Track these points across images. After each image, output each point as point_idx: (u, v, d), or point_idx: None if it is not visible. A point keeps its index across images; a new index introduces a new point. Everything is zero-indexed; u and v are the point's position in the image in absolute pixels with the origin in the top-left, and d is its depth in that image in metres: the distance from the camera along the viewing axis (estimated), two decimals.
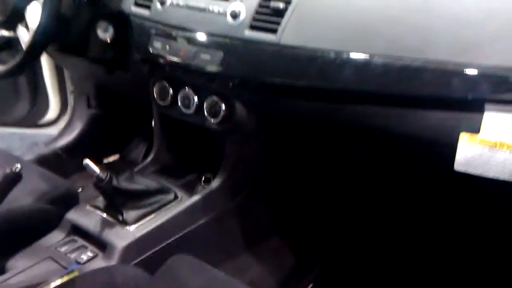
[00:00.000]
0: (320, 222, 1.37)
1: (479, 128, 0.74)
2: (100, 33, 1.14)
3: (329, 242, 1.36)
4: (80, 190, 1.27)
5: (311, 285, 1.28)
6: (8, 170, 0.98)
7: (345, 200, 1.37)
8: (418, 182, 1.19)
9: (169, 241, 1.03)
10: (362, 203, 1.35)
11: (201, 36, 1.01)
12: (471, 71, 0.74)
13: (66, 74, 1.71)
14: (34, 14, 1.04)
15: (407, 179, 1.21)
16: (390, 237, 1.34)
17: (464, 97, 0.76)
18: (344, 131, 0.97)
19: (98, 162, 1.03)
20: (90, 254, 0.97)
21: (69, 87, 1.72)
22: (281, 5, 0.92)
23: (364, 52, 0.83)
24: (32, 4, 1.05)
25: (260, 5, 0.95)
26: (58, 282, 0.88)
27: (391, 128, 0.86)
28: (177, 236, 1.04)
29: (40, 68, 1.67)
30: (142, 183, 1.09)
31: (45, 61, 1.67)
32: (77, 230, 1.02)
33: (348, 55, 0.84)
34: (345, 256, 1.35)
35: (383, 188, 1.30)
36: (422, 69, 0.78)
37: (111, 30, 1.15)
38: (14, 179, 0.99)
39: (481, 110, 0.74)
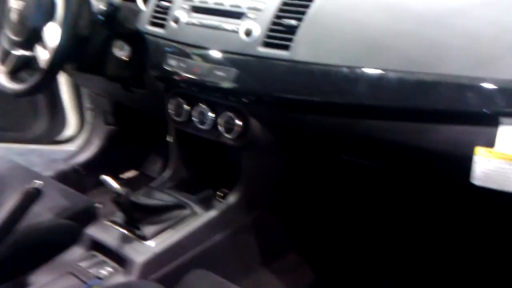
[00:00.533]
0: (338, 237, 1.36)
1: (495, 142, 0.75)
2: (117, 51, 1.16)
3: (347, 258, 1.35)
4: (98, 205, 1.28)
5: None
6: (28, 186, 1.00)
7: (361, 214, 1.36)
8: (435, 196, 1.18)
9: (187, 256, 1.04)
10: (379, 218, 1.35)
11: (215, 54, 1.03)
12: (486, 85, 0.74)
13: (84, 91, 1.74)
14: (51, 34, 1.06)
15: (424, 193, 1.21)
16: (409, 254, 1.33)
17: (479, 111, 0.76)
18: (359, 146, 0.97)
19: (116, 177, 1.04)
20: (109, 269, 0.98)
21: (87, 104, 1.75)
22: (293, 22, 0.93)
23: (377, 67, 0.83)
24: (49, 24, 1.07)
25: (273, 23, 0.96)
26: None
27: (406, 142, 0.86)
28: (194, 251, 1.05)
29: (58, 86, 1.70)
30: (160, 198, 1.10)
31: (62, 79, 1.70)
32: (96, 246, 1.04)
33: (362, 70, 0.85)
34: (363, 273, 1.34)
35: (401, 203, 1.29)
36: (437, 84, 0.78)
37: (127, 49, 1.17)
38: (35, 195, 1.00)
39: (496, 124, 0.75)
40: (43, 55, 1.09)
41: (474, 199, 1.00)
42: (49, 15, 1.07)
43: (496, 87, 0.74)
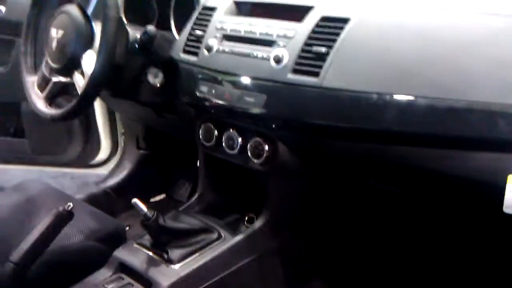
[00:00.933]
0: (364, 264, 1.34)
1: None
2: (151, 78, 1.19)
3: (373, 285, 1.32)
4: (127, 228, 1.30)
5: None
6: (61, 209, 1.02)
7: (389, 243, 1.33)
8: (465, 224, 1.15)
9: (213, 280, 1.03)
10: (406, 247, 1.32)
11: (245, 80, 1.04)
12: None
13: (117, 116, 1.79)
14: (89, 61, 1.10)
15: (454, 221, 1.18)
16: (438, 279, 1.29)
17: (510, 138, 0.75)
18: (389, 172, 0.96)
19: (145, 201, 1.06)
20: None
21: (120, 129, 1.79)
22: (323, 50, 0.94)
23: (407, 94, 0.83)
24: (88, 52, 1.11)
25: (303, 50, 0.97)
26: None
27: (436, 169, 0.85)
28: (220, 276, 1.04)
29: (93, 111, 1.76)
30: (187, 222, 1.11)
31: (97, 105, 1.75)
32: (124, 268, 1.05)
33: (391, 96, 0.85)
34: None
35: (430, 231, 1.27)
36: (467, 110, 0.78)
37: (160, 76, 1.20)
38: (66, 217, 1.03)
39: None
40: (80, 81, 1.12)
41: (506, 228, 0.97)
42: (88, 44, 1.12)
43: None
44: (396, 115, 0.84)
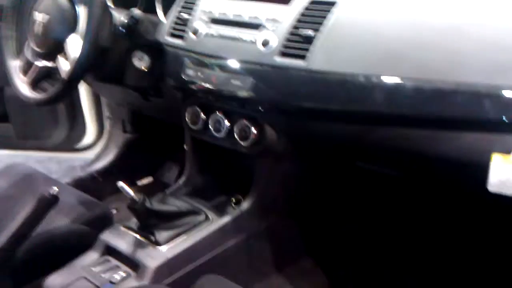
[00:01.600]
0: (352, 244, 1.35)
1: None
2: (136, 62, 1.18)
3: (362, 264, 1.34)
4: (115, 212, 1.30)
5: None
6: (45, 193, 1.01)
7: (377, 221, 1.35)
8: (451, 203, 1.17)
9: (200, 261, 1.04)
10: (394, 225, 1.33)
11: (232, 63, 1.04)
12: (503, 93, 0.74)
13: (103, 100, 1.77)
14: (73, 45, 1.08)
15: (441, 200, 1.20)
16: (424, 259, 1.31)
17: (496, 119, 0.76)
18: (375, 153, 0.97)
19: (132, 184, 1.06)
20: (123, 274, 0.99)
21: (106, 113, 1.78)
22: (311, 33, 0.94)
23: (394, 76, 0.84)
24: (72, 36, 1.10)
25: (291, 33, 0.97)
26: None
27: (422, 150, 0.86)
28: (208, 257, 1.05)
29: (78, 95, 1.74)
30: (174, 204, 1.11)
31: (83, 89, 1.74)
32: (110, 251, 1.05)
33: (379, 78, 0.85)
34: (378, 278, 1.32)
35: (416, 210, 1.28)
36: (453, 92, 0.78)
37: (146, 60, 1.19)
38: (51, 201, 1.02)
39: None
40: (64, 66, 1.10)
41: (490, 206, 0.99)
42: (72, 28, 1.10)
43: None
44: (383, 96, 0.85)
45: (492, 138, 0.77)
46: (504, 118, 0.75)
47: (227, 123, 1.10)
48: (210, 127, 1.13)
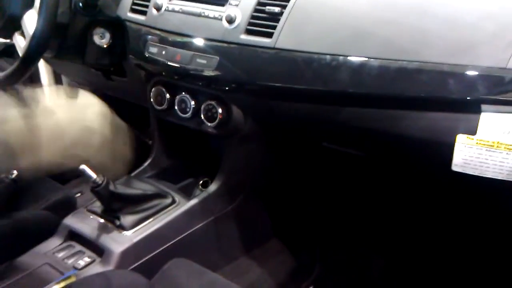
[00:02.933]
0: (319, 224, 1.37)
1: (476, 129, 0.75)
2: (97, 39, 1.15)
3: (329, 244, 1.36)
4: (78, 195, 1.27)
5: (311, 287, 1.28)
6: (4, 177, 0.98)
7: (344, 202, 1.36)
8: (416, 183, 1.19)
9: (167, 245, 1.02)
10: (361, 205, 1.35)
11: (197, 41, 1.01)
12: (467, 72, 0.74)
13: (64, 80, 1.71)
14: (30, 22, 1.04)
15: (406, 180, 1.21)
16: (390, 239, 1.34)
17: (460, 98, 0.76)
18: (342, 133, 0.97)
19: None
20: (87, 259, 0.97)
21: None
22: (276, 10, 0.92)
23: (359, 55, 0.83)
24: (29, 12, 1.05)
25: (256, 10, 0.95)
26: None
27: (388, 130, 0.86)
28: (175, 240, 1.04)
29: (38, 74, 1.68)
30: (140, 187, 1.08)
31: (43, 68, 1.68)
32: (74, 236, 1.02)
33: (344, 58, 0.84)
34: (345, 258, 1.35)
35: (382, 190, 1.30)
36: (418, 71, 0.78)
37: (107, 36, 1.16)
38: (11, 185, 0.99)
39: (478, 111, 0.75)
40: (21, 43, 1.07)
41: (455, 186, 1.01)
42: (28, 3, 1.05)
43: (477, 74, 0.74)
44: (349, 76, 0.84)
45: (457, 118, 0.77)
46: (467, 97, 0.75)
47: (193, 103, 1.07)
48: (175, 107, 1.10)
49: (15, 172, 0.99)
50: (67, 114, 1.12)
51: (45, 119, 1.08)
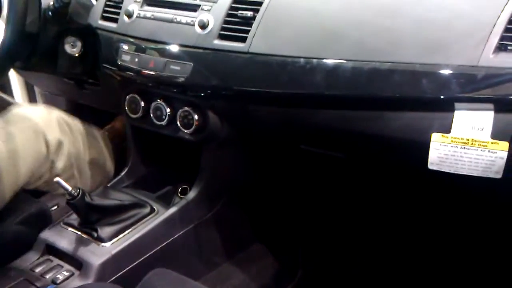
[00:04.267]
0: (301, 226, 1.37)
1: (451, 127, 0.75)
2: (68, 48, 1.13)
3: (311, 246, 1.36)
4: (54, 208, 1.24)
5: None
6: None
7: (325, 203, 1.37)
8: (396, 183, 1.20)
9: (147, 255, 1.01)
10: (342, 206, 1.36)
11: (170, 47, 1.01)
12: (440, 71, 0.75)
13: (37, 90, 1.68)
14: None
15: (385, 180, 1.22)
16: (371, 239, 1.34)
17: (434, 97, 0.76)
18: (319, 135, 0.97)
19: None
20: (66, 273, 0.95)
21: (40, 102, 1.69)
22: (249, 14, 0.92)
23: (332, 58, 0.83)
24: None
25: (228, 15, 0.95)
26: None
27: (363, 131, 0.86)
28: (155, 250, 1.02)
29: (9, 85, 1.64)
30: (117, 197, 1.07)
31: (14, 78, 1.64)
32: (51, 250, 1.00)
33: (318, 60, 0.84)
34: (327, 259, 1.35)
35: (362, 191, 1.31)
36: (391, 72, 0.79)
37: (79, 45, 1.14)
38: None
39: (451, 109, 0.75)
40: None
41: (434, 184, 1.02)
42: None
43: (449, 73, 0.74)
44: (324, 78, 0.84)
45: (432, 116, 0.77)
46: (439, 96, 0.75)
47: (168, 110, 1.06)
48: (151, 115, 1.09)
49: None
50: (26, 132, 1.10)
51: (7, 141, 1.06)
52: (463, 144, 0.75)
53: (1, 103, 1.32)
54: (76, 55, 1.14)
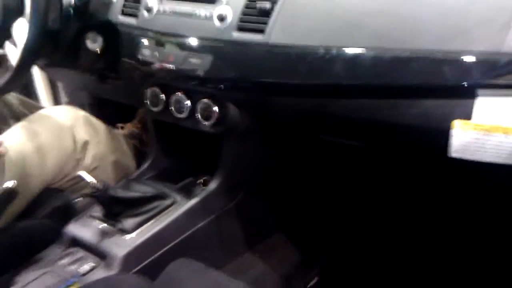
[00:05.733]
0: (323, 216, 1.36)
1: (472, 114, 0.74)
2: (90, 44, 1.15)
3: (333, 236, 1.35)
4: (78, 200, 1.26)
5: (316, 279, 1.27)
6: (4, 186, 0.98)
7: (346, 194, 1.36)
8: (417, 172, 1.18)
9: (169, 246, 1.02)
10: (364, 197, 1.35)
11: (189, 41, 1.01)
12: (460, 58, 0.74)
13: (60, 85, 1.71)
14: (21, 30, 1.04)
15: (408, 170, 1.21)
16: (394, 231, 1.33)
17: (455, 84, 0.75)
18: (338, 125, 0.96)
19: None
20: (90, 264, 0.96)
21: (64, 98, 1.72)
22: (267, 5, 0.92)
23: (352, 46, 0.83)
24: (19, 20, 1.05)
25: (247, 6, 0.95)
26: None
27: (384, 119, 0.85)
28: (177, 241, 1.03)
29: (33, 81, 1.67)
30: (139, 190, 1.08)
31: (38, 75, 1.67)
32: (76, 242, 1.02)
33: (337, 50, 0.84)
34: (349, 249, 1.34)
35: (384, 181, 1.30)
36: (411, 59, 0.78)
37: (100, 40, 1.15)
38: (10, 195, 0.99)
39: (473, 96, 0.74)
40: (13, 52, 1.06)
41: (453, 172, 1.01)
42: (18, 11, 1.05)
43: (471, 59, 0.73)
44: (343, 68, 0.84)
45: (453, 104, 0.76)
46: (460, 83, 0.74)
47: (188, 102, 1.07)
48: (171, 107, 1.10)
49: (15, 182, 0.98)
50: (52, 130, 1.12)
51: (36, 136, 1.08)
52: (485, 131, 0.73)
53: (27, 107, 1.35)
54: (98, 50, 1.15)
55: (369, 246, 1.34)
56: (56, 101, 1.73)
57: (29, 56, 1.03)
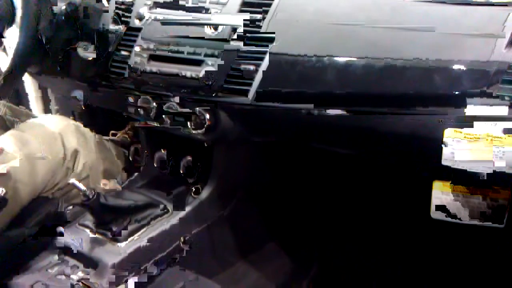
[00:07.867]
0: (315, 224, 1.36)
1: (463, 122, 0.75)
2: (81, 52, 1.14)
3: (326, 242, 1.35)
4: (69, 209, 1.25)
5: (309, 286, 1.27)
6: None
7: (338, 202, 1.36)
8: (409, 181, 1.19)
9: (162, 254, 1.01)
10: (356, 205, 1.35)
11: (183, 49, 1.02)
12: (452, 67, 0.75)
13: (50, 93, 1.70)
14: (12, 38, 1.03)
15: (398, 178, 1.21)
16: (386, 236, 1.33)
17: (446, 93, 0.76)
18: (329, 134, 0.97)
19: None
20: (81, 273, 0.96)
21: (54, 106, 1.71)
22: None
23: (344, 56, 0.83)
24: (10, 28, 1.05)
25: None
26: None
27: (375, 128, 0.86)
28: (169, 249, 1.03)
29: (23, 88, 1.66)
30: (131, 198, 1.08)
31: (29, 82, 1.66)
32: (68, 250, 1.01)
33: (329, 58, 0.84)
34: (342, 255, 1.34)
35: (373, 187, 1.30)
36: (403, 68, 0.78)
37: (91, 48, 1.15)
38: (0, 203, 0.98)
39: (464, 105, 0.75)
40: (4, 60, 1.06)
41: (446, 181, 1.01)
42: (9, 19, 1.05)
43: (462, 69, 0.74)
44: (335, 77, 0.84)
45: (444, 112, 0.77)
46: (454, 92, 0.75)
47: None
48: (163, 115, 1.09)
49: (3, 190, 0.97)
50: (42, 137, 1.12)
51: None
52: (476, 139, 0.74)
53: (17, 114, 1.34)
54: (89, 58, 1.15)
55: (362, 253, 1.34)
56: (47, 109, 1.71)
57: (20, 64, 1.03)
